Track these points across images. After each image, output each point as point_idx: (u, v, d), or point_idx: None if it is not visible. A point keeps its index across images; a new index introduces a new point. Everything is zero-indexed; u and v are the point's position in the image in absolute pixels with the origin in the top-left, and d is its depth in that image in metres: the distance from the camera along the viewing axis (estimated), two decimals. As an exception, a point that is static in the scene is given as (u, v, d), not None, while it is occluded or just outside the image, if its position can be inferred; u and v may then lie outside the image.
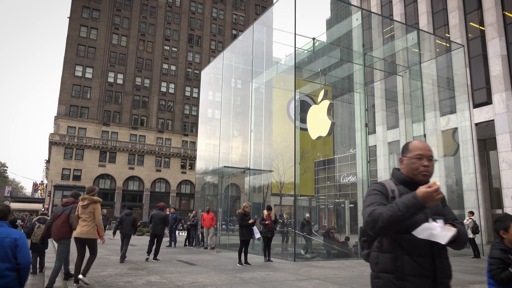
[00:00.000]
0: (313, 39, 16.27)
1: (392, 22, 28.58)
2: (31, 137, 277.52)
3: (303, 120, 15.47)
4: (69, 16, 53.97)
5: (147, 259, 10.51)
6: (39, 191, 65.05)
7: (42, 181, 67.52)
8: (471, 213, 14.00)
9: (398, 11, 31.63)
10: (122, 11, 57.40)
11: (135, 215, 11.26)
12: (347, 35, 17.21)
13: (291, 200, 25.27)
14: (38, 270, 8.96)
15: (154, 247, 10.71)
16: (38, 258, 8.99)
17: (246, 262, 10.21)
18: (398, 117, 29.15)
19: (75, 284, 6.59)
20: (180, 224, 25.67)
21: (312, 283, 7.41)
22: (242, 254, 10.31)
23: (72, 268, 7.37)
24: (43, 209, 44.50)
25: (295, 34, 12.94)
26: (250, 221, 10.46)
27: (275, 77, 18.92)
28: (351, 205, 33.34)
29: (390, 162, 30.89)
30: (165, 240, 15.21)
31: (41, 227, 8.59)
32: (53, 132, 51.11)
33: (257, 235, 10.75)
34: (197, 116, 54.87)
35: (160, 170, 55.24)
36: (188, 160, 57.26)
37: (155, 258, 10.60)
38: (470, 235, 13.40)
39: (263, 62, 18.03)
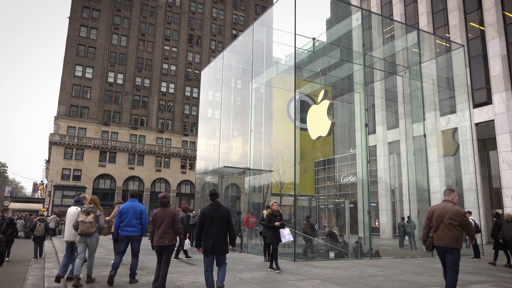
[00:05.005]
0: (313, 39, 16.26)
1: (392, 22, 28.59)
2: (31, 137, 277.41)
3: (303, 120, 15.47)
4: (69, 16, 53.97)
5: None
6: (39, 191, 65.03)
7: (42, 181, 67.48)
8: (469, 213, 14.00)
9: (398, 11, 31.63)
10: (122, 11, 57.39)
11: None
12: (347, 35, 17.20)
13: (291, 200, 25.26)
14: (39, 255, 12.49)
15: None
16: (38, 247, 12.54)
17: (271, 267, 9.16)
18: (398, 117, 29.17)
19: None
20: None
21: (312, 283, 7.41)
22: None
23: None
24: (44, 209, 44.51)
25: (295, 34, 12.93)
26: (277, 224, 9.19)
27: (275, 77, 18.91)
28: (351, 205, 33.33)
29: (390, 162, 30.90)
30: None
31: (42, 225, 12.22)
32: (53, 132, 51.10)
33: (284, 239, 9.33)
34: (197, 116, 54.87)
35: (160, 170, 55.23)
36: (188, 160, 57.26)
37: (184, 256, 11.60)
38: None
39: (263, 62, 18.01)
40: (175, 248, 11.56)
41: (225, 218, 5.84)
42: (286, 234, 9.26)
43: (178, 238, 6.46)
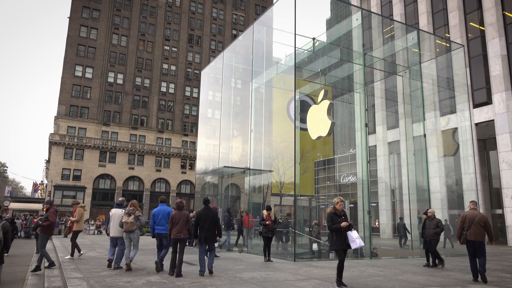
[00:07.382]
0: (313, 39, 16.26)
1: (392, 22, 28.59)
2: (31, 137, 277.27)
3: (303, 120, 15.46)
4: (69, 16, 53.98)
5: None
6: (39, 191, 65.03)
7: (42, 181, 67.51)
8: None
9: (398, 11, 31.63)
10: (122, 11, 57.39)
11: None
12: (347, 35, 17.20)
13: (291, 200, 25.25)
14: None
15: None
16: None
17: (341, 283, 6.97)
18: (398, 117, 29.16)
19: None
20: None
21: (312, 283, 7.41)
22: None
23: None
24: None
25: (295, 34, 12.93)
26: (343, 224, 7.01)
27: (275, 77, 18.90)
28: (351, 205, 33.33)
29: (390, 162, 30.90)
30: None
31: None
32: (53, 132, 51.10)
33: (355, 244, 7.02)
34: (197, 116, 54.86)
35: (160, 170, 55.23)
36: (188, 160, 57.26)
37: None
38: None
39: (263, 62, 18.00)
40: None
41: (214, 218, 8.44)
42: (355, 238, 7.05)
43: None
